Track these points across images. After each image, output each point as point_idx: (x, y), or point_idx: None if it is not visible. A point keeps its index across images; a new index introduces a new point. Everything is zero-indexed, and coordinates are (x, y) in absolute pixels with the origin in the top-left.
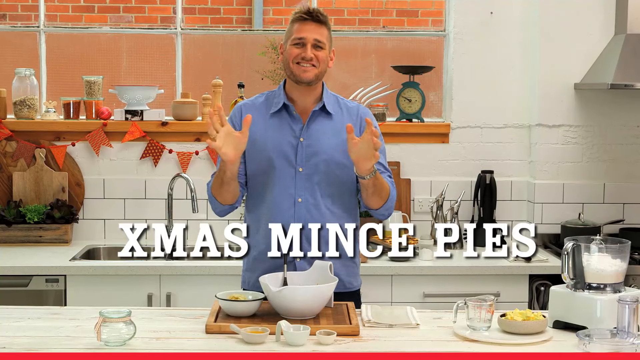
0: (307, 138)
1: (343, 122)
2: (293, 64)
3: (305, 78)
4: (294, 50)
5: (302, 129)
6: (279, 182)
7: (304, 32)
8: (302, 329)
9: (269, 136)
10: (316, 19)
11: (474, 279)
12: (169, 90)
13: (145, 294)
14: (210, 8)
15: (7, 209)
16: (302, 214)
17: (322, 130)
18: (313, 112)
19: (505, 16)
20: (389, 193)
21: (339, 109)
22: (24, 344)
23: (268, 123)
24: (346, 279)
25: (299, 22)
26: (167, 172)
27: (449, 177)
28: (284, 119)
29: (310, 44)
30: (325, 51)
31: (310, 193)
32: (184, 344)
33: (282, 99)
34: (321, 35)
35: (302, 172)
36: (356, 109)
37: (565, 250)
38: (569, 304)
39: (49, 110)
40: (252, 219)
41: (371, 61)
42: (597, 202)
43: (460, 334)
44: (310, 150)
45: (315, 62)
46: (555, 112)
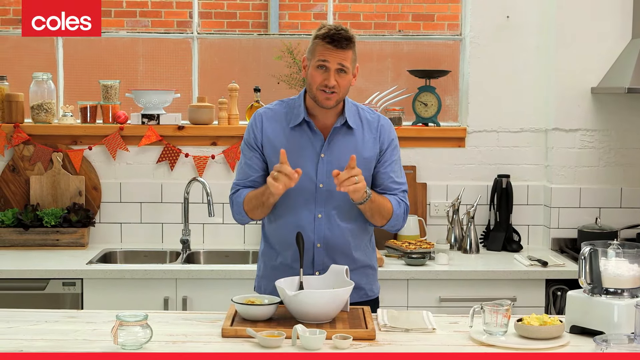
0: (328, 154)
1: (364, 136)
2: (317, 90)
3: (327, 105)
4: (317, 76)
5: (322, 145)
6: (299, 198)
7: (328, 57)
8: (318, 333)
9: (290, 150)
10: (341, 45)
11: (490, 284)
12: (185, 95)
13: (161, 298)
14: (226, 12)
15: (24, 213)
16: (321, 230)
17: (343, 145)
18: (334, 129)
19: (522, 20)
20: (391, 212)
21: (359, 122)
22: (41, 347)
23: (289, 136)
24: (367, 287)
25: (323, 46)
26: (183, 176)
27: (465, 181)
28: (305, 133)
29: (334, 69)
30: (348, 75)
31: (330, 209)
32: (200, 347)
33: (302, 114)
34: (345, 59)
35: (322, 188)
36: (376, 121)
37: (582, 255)
38: (586, 309)
39: (66, 115)
40: (272, 230)
41: (387, 65)
42: (614, 207)
43: (477, 339)
44: (331, 166)
45: (337, 89)
46: (572, 116)
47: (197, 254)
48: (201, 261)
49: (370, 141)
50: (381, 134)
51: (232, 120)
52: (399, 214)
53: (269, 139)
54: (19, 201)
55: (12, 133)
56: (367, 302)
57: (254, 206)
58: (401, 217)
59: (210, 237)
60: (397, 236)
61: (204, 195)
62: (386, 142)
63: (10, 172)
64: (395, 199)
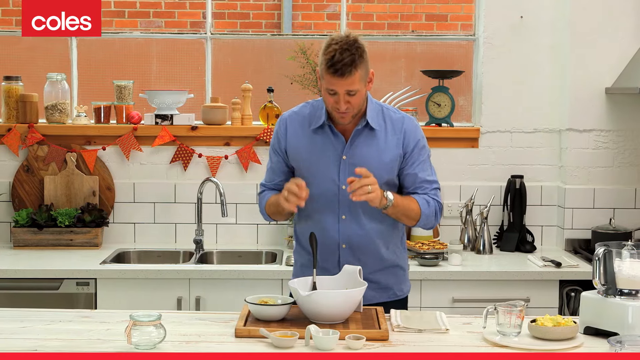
0: (350, 156)
1: (387, 137)
2: (331, 109)
3: (342, 122)
4: (329, 99)
5: (344, 147)
6: (322, 200)
7: (335, 87)
8: (332, 333)
9: (312, 153)
10: (344, 73)
11: (504, 284)
12: (198, 95)
13: (174, 298)
14: (239, 13)
15: (38, 213)
16: (346, 231)
17: (365, 147)
18: (356, 131)
19: (536, 20)
20: (419, 214)
21: (382, 122)
22: (55, 347)
23: (311, 139)
24: (397, 287)
25: (329, 74)
26: (196, 176)
27: (478, 181)
28: (326, 135)
29: (343, 94)
30: (359, 94)
31: (354, 210)
32: (213, 347)
33: (323, 117)
34: (352, 84)
35: (345, 189)
36: (401, 121)
37: (596, 255)
38: (600, 310)
39: (80, 115)
40: (300, 230)
41: (400, 65)
42: (629, 207)
43: (490, 340)
44: (354, 168)
45: (350, 109)
46: (586, 117)
47: (210, 254)
48: (214, 261)
49: (393, 142)
50: (405, 136)
51: (246, 120)
52: (429, 214)
53: (292, 143)
54: (33, 201)
55: (26, 133)
56: (396, 302)
57: (272, 212)
58: (432, 216)
59: (223, 237)
60: (411, 236)
61: (217, 195)
62: (411, 143)
63: (24, 172)
64: (424, 198)
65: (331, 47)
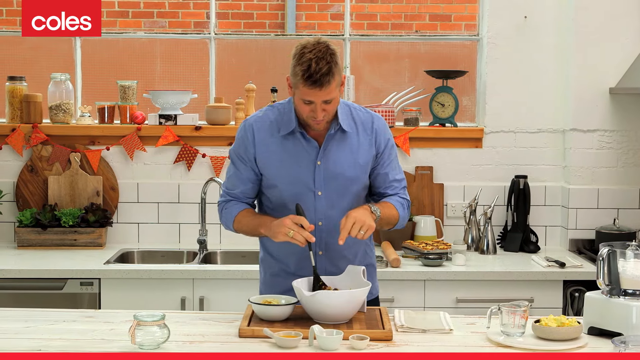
0: (325, 161)
1: (359, 138)
2: (306, 117)
3: (318, 129)
4: (304, 108)
5: (318, 152)
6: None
7: (312, 97)
8: (335, 333)
9: (285, 159)
10: (322, 83)
11: (508, 285)
12: (202, 95)
13: (178, 298)
14: (243, 13)
15: (42, 213)
16: (322, 236)
17: (339, 151)
18: (329, 135)
19: (540, 20)
20: (397, 218)
21: (353, 123)
22: (59, 346)
23: (283, 145)
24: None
25: (305, 85)
26: (200, 176)
27: (482, 182)
28: (298, 141)
29: (320, 103)
30: (335, 100)
31: (330, 213)
32: (217, 347)
33: (293, 122)
34: (329, 94)
35: (321, 195)
36: (370, 121)
37: (600, 256)
38: (604, 310)
39: (84, 115)
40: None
41: (404, 66)
42: (633, 208)
43: (494, 340)
44: (328, 172)
45: (326, 116)
46: (590, 117)
47: (214, 254)
48: (218, 261)
49: (365, 144)
50: (377, 136)
51: None
52: (404, 216)
53: (261, 150)
54: (37, 201)
55: (30, 133)
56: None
57: (243, 230)
58: (406, 218)
59: (227, 238)
60: (414, 237)
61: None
62: (383, 143)
63: (28, 172)
64: (399, 201)
65: (305, 56)
